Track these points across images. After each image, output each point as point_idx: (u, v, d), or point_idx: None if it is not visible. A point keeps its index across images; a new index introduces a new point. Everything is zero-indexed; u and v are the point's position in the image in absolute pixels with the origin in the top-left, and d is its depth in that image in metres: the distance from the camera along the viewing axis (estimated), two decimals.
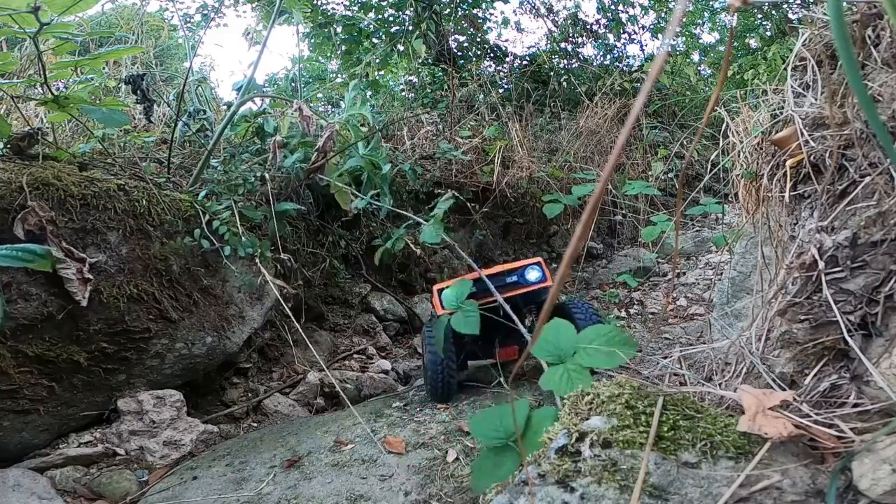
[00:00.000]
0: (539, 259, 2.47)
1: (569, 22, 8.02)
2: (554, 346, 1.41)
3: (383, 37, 6.79)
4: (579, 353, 1.37)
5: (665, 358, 1.50)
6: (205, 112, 3.59)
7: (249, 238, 2.53)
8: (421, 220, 2.92)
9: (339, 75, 7.41)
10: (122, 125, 2.54)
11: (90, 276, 2.10)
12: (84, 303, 2.06)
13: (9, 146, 2.31)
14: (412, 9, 6.28)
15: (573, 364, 1.33)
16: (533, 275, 2.39)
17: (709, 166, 2.01)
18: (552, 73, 7.05)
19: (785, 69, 1.37)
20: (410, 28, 6.32)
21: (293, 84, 6.08)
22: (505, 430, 1.26)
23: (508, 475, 1.16)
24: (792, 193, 1.25)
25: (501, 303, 2.23)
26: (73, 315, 2.10)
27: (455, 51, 7.18)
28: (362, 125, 3.48)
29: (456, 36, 7.41)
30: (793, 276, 1.10)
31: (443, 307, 2.30)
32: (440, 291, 2.36)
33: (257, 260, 2.49)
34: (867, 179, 1.02)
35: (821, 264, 1.01)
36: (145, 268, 2.31)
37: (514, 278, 2.42)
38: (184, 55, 6.17)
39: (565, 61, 7.74)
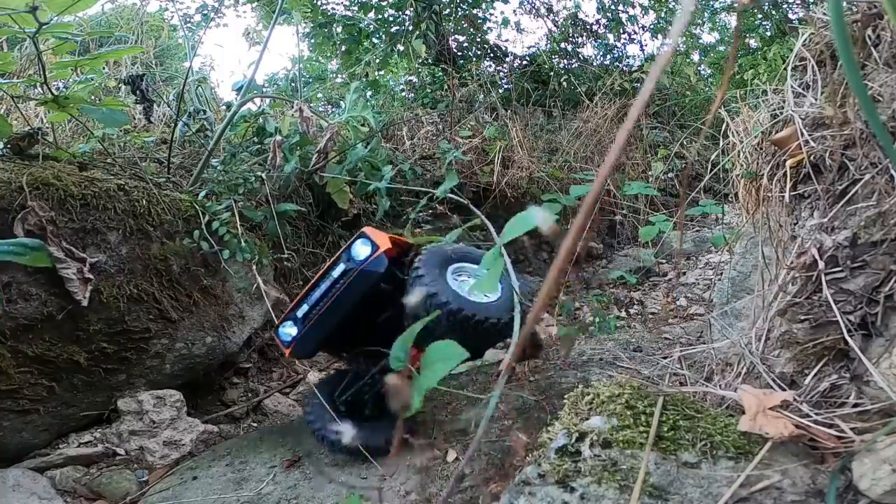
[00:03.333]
0: (365, 228, 1.98)
1: (569, 22, 8.01)
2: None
3: (383, 37, 6.79)
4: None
5: (665, 358, 1.50)
6: (205, 112, 3.59)
7: (248, 243, 2.52)
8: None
9: (339, 75, 7.41)
10: (123, 125, 2.54)
11: (90, 276, 2.09)
12: (85, 302, 2.06)
13: (9, 146, 2.31)
14: (412, 9, 6.28)
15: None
16: (363, 251, 1.90)
17: (709, 166, 2.01)
18: (552, 73, 7.04)
19: (785, 69, 1.37)
20: (410, 28, 6.32)
21: (293, 84, 6.09)
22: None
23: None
24: (792, 193, 1.25)
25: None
26: (73, 315, 2.10)
27: (455, 51, 7.17)
28: (362, 125, 3.48)
29: (456, 36, 7.40)
30: (793, 276, 1.10)
31: (285, 346, 1.96)
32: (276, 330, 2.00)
33: (253, 267, 2.48)
34: (867, 179, 1.02)
35: (821, 264, 1.01)
36: (145, 268, 2.31)
37: (342, 267, 1.92)
38: (184, 55, 6.17)
39: (565, 61, 7.73)
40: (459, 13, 7.17)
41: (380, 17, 6.92)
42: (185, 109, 3.54)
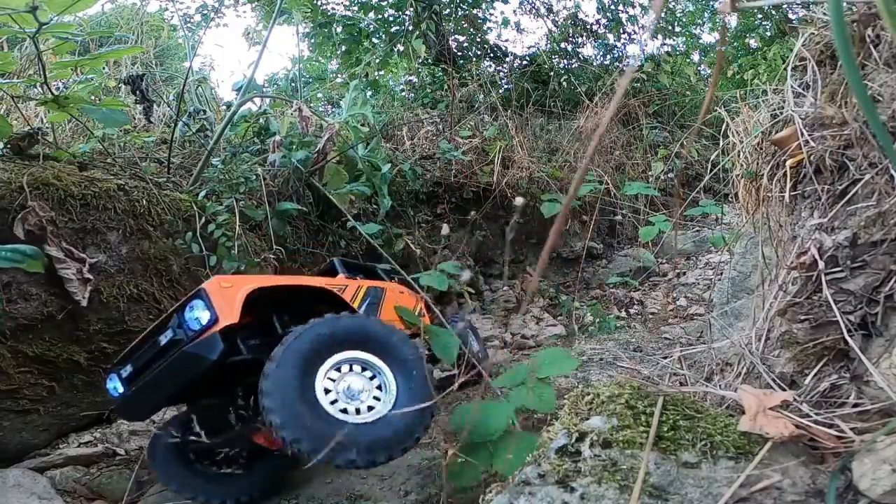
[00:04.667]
0: (206, 285, 1.51)
1: (569, 22, 8.02)
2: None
3: (383, 37, 6.79)
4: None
5: (665, 358, 1.50)
6: (205, 112, 3.59)
7: (242, 248, 2.50)
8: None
9: (339, 75, 7.41)
10: (123, 125, 2.54)
11: (90, 276, 2.10)
12: (84, 303, 2.06)
13: (9, 146, 2.31)
14: (412, 9, 6.28)
15: None
16: (200, 317, 1.44)
17: (709, 166, 2.01)
18: (552, 74, 7.05)
19: (785, 69, 1.37)
20: (410, 28, 6.32)
21: (293, 84, 6.09)
22: (485, 432, 1.22)
23: (478, 479, 1.19)
24: (792, 193, 1.25)
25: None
26: (73, 315, 2.10)
27: (455, 51, 7.17)
28: (362, 125, 3.48)
29: (456, 36, 7.41)
30: (793, 276, 1.10)
31: (112, 398, 1.71)
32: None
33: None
34: (867, 179, 1.02)
35: (821, 264, 1.01)
36: (145, 268, 2.31)
37: (170, 335, 1.51)
38: (184, 55, 6.17)
39: (565, 61, 7.73)
40: (459, 13, 7.17)
41: (380, 17, 6.92)
42: (185, 109, 3.54)
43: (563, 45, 7.90)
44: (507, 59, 7.62)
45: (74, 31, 2.21)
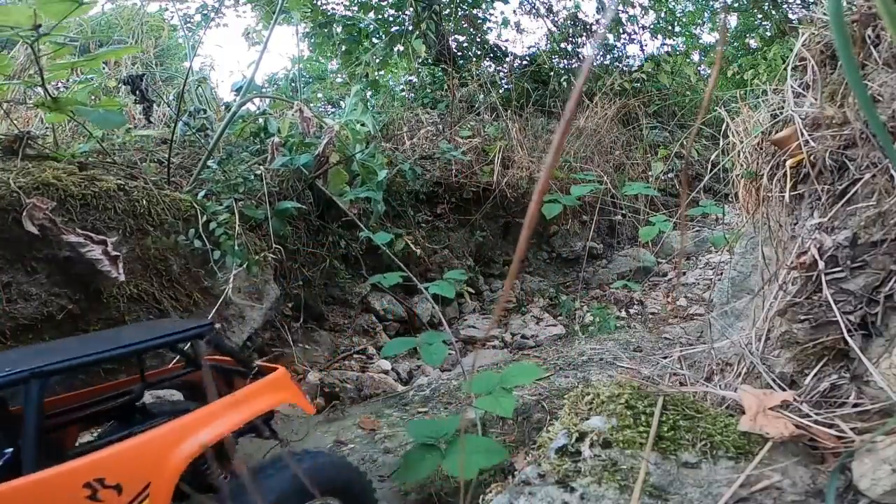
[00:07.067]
0: None
1: (569, 22, 8.01)
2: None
3: (383, 37, 6.79)
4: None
5: (665, 358, 1.50)
6: (205, 112, 3.59)
7: (242, 247, 2.51)
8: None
9: (339, 75, 7.41)
10: (118, 126, 2.54)
11: (117, 253, 2.12)
12: (122, 278, 2.09)
13: (2, 148, 2.32)
14: (412, 9, 6.28)
15: None
16: None
17: (709, 166, 2.01)
18: (552, 73, 7.04)
19: (785, 69, 1.37)
20: (410, 28, 6.32)
21: (293, 84, 6.09)
22: (436, 434, 1.62)
23: (427, 473, 1.51)
24: (792, 193, 1.25)
25: None
26: (73, 315, 2.10)
27: (455, 51, 7.17)
28: (362, 125, 3.48)
29: (456, 36, 7.40)
30: (793, 276, 1.10)
31: None
32: None
33: (231, 275, 2.46)
34: (867, 179, 1.02)
35: (821, 264, 1.01)
36: (145, 268, 2.31)
37: None
38: (184, 55, 6.17)
39: (565, 61, 7.73)
40: (459, 13, 7.16)
41: (380, 17, 6.91)
42: (185, 109, 3.55)
43: (563, 45, 7.90)
44: (507, 59, 7.61)
45: (73, 33, 2.21)
